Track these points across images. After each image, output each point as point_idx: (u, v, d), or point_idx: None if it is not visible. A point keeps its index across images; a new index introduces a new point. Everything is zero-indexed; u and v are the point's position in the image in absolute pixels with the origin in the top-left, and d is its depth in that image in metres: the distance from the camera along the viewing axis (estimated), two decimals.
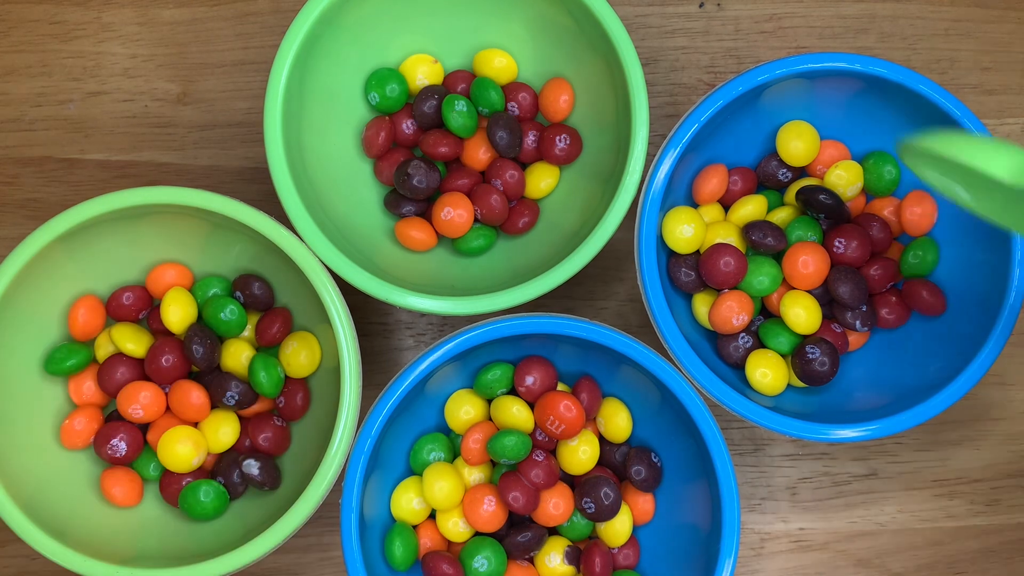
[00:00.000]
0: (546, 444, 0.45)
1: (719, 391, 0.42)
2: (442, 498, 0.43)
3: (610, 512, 0.43)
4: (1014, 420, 0.51)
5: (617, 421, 0.45)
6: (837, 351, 0.45)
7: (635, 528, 0.46)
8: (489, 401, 0.46)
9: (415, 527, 0.45)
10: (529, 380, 0.44)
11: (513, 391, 0.45)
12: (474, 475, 0.45)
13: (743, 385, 0.45)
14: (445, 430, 0.46)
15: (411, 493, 0.44)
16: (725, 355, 0.46)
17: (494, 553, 0.43)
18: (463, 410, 0.45)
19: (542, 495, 0.44)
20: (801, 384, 0.46)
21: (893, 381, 0.46)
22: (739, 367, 0.46)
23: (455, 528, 0.44)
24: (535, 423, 0.44)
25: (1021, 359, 0.52)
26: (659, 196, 0.43)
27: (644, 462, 0.45)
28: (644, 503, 0.45)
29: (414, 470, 0.45)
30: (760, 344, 0.46)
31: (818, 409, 0.45)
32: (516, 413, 0.43)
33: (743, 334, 0.46)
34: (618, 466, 0.46)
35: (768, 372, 0.45)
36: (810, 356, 0.44)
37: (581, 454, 0.44)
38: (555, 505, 0.44)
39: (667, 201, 0.44)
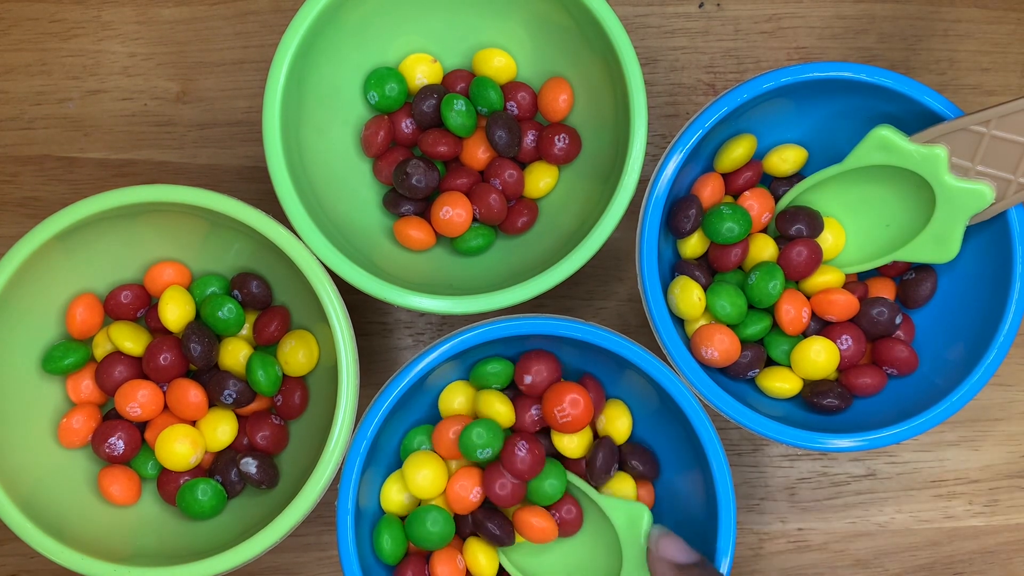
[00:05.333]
0: (531, 426, 0.44)
1: (715, 396, 0.42)
2: (426, 486, 0.43)
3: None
4: (1012, 421, 0.51)
5: (618, 425, 0.45)
6: (850, 397, 0.45)
7: None
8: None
9: (404, 519, 0.45)
10: (528, 379, 0.44)
11: (512, 386, 0.45)
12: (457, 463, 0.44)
13: (740, 389, 0.45)
14: (438, 421, 0.46)
15: (399, 485, 0.44)
16: (733, 374, 0.46)
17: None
18: (456, 401, 0.45)
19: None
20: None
21: (892, 394, 0.46)
22: (748, 383, 0.46)
23: None
24: (543, 412, 0.44)
25: (1020, 360, 0.52)
26: (662, 199, 0.43)
27: (642, 456, 0.45)
28: (643, 496, 0.45)
29: (403, 462, 0.45)
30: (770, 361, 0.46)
31: (816, 417, 0.45)
32: (497, 407, 0.43)
33: (752, 371, 0.45)
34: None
35: (784, 384, 0.45)
36: (826, 401, 0.45)
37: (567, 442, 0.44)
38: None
39: (668, 202, 0.44)
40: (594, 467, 0.43)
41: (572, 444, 0.44)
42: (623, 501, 0.43)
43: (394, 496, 0.44)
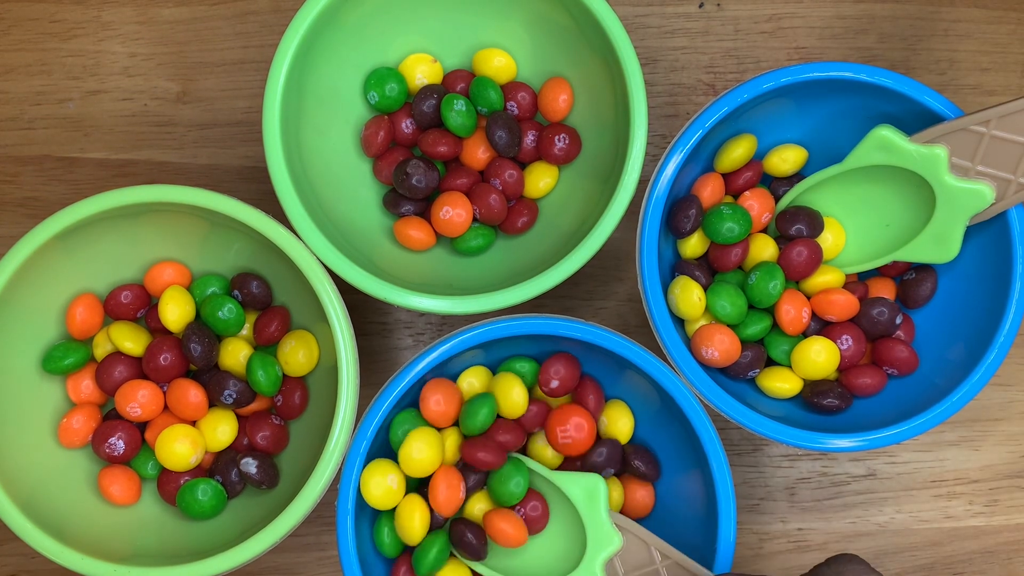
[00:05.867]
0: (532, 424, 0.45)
1: (715, 396, 0.42)
2: (422, 459, 0.42)
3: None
4: (1012, 421, 0.51)
5: (620, 425, 0.45)
6: (850, 396, 0.45)
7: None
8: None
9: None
10: (554, 383, 0.44)
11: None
12: (447, 441, 0.44)
13: (740, 389, 0.45)
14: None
15: (379, 476, 0.42)
16: (733, 374, 0.46)
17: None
18: (467, 382, 0.45)
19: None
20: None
21: (892, 394, 0.46)
22: (748, 383, 0.46)
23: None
24: (545, 428, 0.44)
25: (1020, 360, 0.52)
26: (662, 199, 0.43)
27: (644, 456, 0.45)
28: (644, 496, 0.45)
29: (391, 444, 0.44)
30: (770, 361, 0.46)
31: (816, 417, 0.45)
32: (514, 396, 0.43)
33: (752, 371, 0.45)
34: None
35: (785, 384, 0.45)
36: (827, 402, 0.45)
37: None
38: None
39: (668, 202, 0.44)
40: (594, 462, 0.44)
41: (556, 458, 0.45)
42: (577, 474, 0.42)
43: (374, 489, 0.42)
